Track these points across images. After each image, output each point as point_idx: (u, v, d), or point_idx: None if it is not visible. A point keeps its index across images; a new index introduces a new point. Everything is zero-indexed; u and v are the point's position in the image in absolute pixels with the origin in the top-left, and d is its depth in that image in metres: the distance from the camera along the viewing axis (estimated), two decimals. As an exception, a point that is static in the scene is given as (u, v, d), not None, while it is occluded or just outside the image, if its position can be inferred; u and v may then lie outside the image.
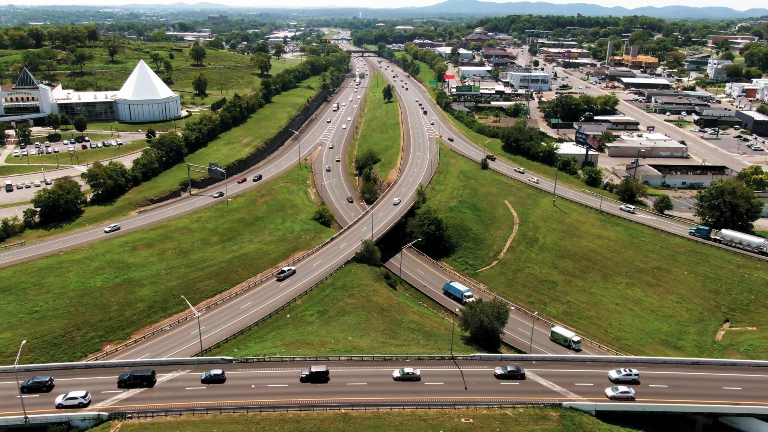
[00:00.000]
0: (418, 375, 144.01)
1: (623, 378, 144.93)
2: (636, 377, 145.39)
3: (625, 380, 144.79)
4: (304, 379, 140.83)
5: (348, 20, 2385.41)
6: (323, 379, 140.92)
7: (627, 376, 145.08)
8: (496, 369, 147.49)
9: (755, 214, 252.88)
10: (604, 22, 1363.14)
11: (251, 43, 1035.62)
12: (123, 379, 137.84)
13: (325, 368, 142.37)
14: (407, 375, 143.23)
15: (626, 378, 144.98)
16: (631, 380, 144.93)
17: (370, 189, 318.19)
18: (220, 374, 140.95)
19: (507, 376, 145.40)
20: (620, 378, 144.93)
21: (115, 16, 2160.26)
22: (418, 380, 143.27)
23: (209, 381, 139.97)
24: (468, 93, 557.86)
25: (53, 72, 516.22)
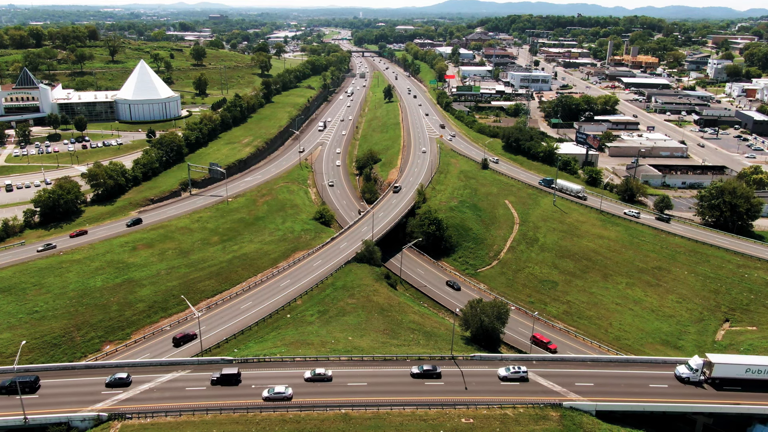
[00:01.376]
0: (438, 372, 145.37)
1: (511, 375, 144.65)
2: (524, 374, 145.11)
3: (513, 378, 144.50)
4: (215, 381, 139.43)
5: (348, 20, 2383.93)
6: (234, 382, 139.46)
7: (515, 374, 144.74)
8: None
9: (755, 213, 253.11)
10: (605, 22, 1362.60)
11: (252, 43, 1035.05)
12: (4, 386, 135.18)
13: (236, 370, 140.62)
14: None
15: (514, 375, 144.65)
16: (519, 378, 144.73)
17: (370, 189, 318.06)
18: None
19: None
20: (508, 375, 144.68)
21: (115, 15, 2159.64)
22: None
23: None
24: (468, 93, 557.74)
25: (53, 72, 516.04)
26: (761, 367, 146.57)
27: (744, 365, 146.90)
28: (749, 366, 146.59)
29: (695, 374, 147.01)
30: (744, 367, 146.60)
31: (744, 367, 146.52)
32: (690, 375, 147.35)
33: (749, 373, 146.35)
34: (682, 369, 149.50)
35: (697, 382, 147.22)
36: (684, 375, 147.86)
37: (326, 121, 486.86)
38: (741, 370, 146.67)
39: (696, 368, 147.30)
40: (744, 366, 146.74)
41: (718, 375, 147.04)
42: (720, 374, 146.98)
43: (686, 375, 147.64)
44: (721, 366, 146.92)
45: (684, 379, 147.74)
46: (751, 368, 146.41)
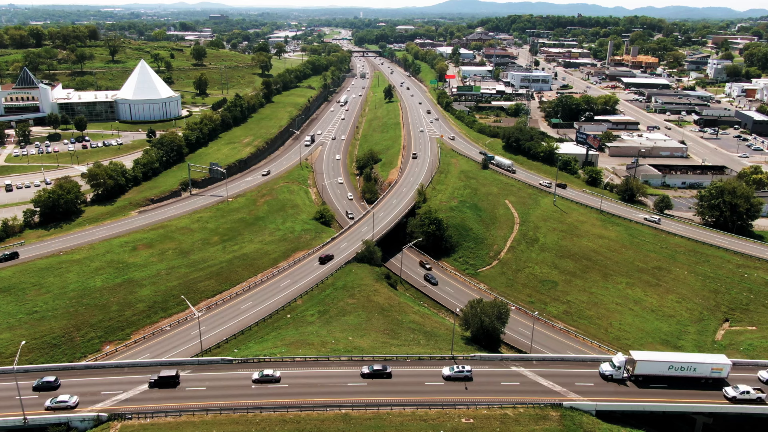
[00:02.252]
0: (389, 372, 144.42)
1: (455, 375, 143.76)
2: (468, 374, 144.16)
3: (457, 377, 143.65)
4: (152, 384, 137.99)
5: (349, 20, 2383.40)
6: (172, 384, 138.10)
7: (459, 373, 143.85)
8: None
9: (755, 213, 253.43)
10: (605, 22, 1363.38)
11: (252, 43, 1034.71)
12: None
13: (175, 372, 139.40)
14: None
15: (458, 375, 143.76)
16: (463, 377, 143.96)
17: (371, 189, 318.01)
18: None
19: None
20: (452, 375, 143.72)
21: (115, 15, 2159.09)
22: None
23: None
24: (469, 93, 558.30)
25: (53, 71, 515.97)
26: (684, 364, 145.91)
27: (667, 362, 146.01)
28: (672, 363, 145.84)
29: (618, 372, 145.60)
30: (667, 364, 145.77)
31: (667, 364, 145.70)
32: (613, 373, 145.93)
33: (672, 370, 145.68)
34: (605, 367, 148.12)
35: (621, 379, 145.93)
36: (607, 373, 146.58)
37: (314, 135, 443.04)
38: (664, 367, 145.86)
39: (619, 366, 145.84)
40: (667, 363, 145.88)
41: (641, 372, 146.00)
42: (643, 371, 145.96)
43: (609, 373, 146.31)
44: (643, 363, 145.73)
45: (607, 376, 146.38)
46: (674, 365, 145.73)
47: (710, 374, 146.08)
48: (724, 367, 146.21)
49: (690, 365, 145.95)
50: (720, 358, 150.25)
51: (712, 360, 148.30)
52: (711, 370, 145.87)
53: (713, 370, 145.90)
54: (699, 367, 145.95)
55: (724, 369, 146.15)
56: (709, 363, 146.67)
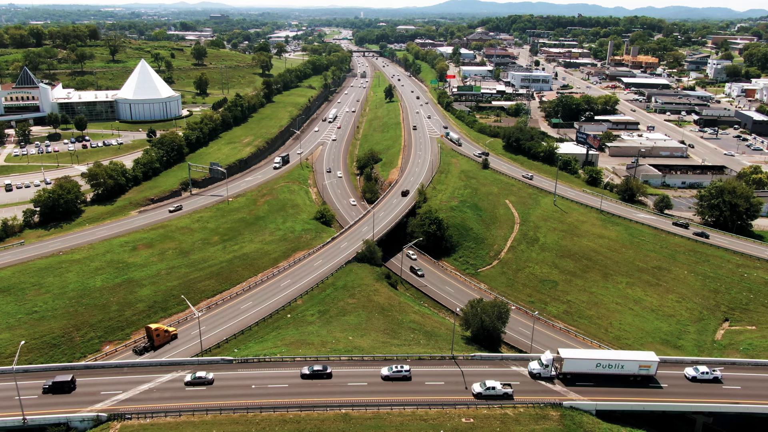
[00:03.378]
0: (329, 372, 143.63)
1: (393, 375, 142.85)
2: (407, 373, 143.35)
3: (396, 377, 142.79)
4: (46, 390, 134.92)
5: (350, 20, 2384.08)
6: (66, 390, 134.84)
7: (397, 373, 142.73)
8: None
9: (754, 213, 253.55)
10: (605, 23, 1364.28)
11: (253, 43, 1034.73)
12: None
13: (71, 377, 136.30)
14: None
15: (396, 375, 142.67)
16: (401, 377, 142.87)
17: (371, 189, 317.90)
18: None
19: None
20: (390, 375, 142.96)
21: (116, 15, 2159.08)
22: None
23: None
24: (469, 93, 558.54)
25: (54, 71, 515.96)
26: (611, 361, 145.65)
27: (594, 360, 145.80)
28: (599, 361, 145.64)
29: (546, 370, 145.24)
30: (594, 361, 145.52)
31: (594, 362, 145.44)
32: (541, 371, 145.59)
33: (600, 367, 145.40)
34: (533, 365, 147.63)
35: (548, 377, 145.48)
36: (535, 371, 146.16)
37: (287, 155, 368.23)
38: (591, 365, 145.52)
39: (546, 364, 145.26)
40: (594, 361, 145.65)
41: (569, 370, 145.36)
42: (570, 369, 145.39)
43: (537, 371, 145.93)
44: (570, 361, 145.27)
45: (535, 375, 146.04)
46: (602, 363, 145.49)
47: (638, 371, 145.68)
48: (652, 364, 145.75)
49: (617, 363, 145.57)
50: (648, 355, 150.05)
51: (640, 357, 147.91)
52: (639, 367, 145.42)
53: (641, 368, 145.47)
54: (627, 364, 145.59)
55: (652, 366, 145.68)
56: (636, 360, 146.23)
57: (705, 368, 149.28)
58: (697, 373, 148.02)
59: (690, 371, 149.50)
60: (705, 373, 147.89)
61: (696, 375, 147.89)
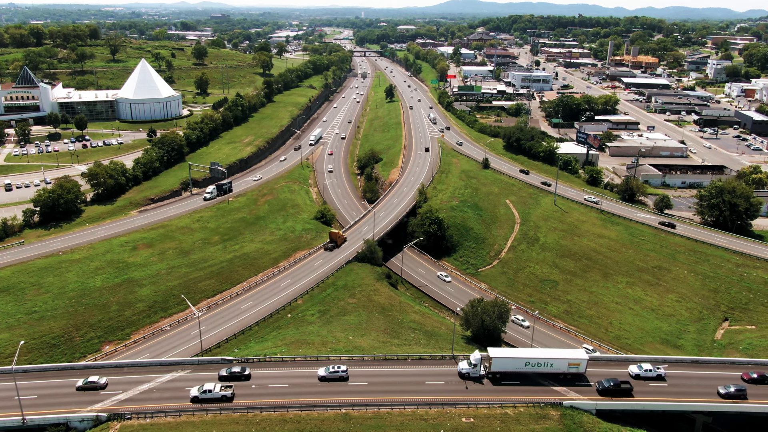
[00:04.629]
0: (248, 374, 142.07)
1: (329, 375, 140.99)
2: (344, 374, 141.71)
3: (332, 377, 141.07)
4: None
5: (350, 20, 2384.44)
6: None
7: (333, 374, 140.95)
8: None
9: (754, 213, 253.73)
10: (605, 23, 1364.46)
11: (253, 43, 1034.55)
12: None
13: None
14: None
15: (332, 375, 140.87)
16: (338, 377, 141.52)
17: (371, 188, 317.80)
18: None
19: None
20: (327, 375, 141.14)
21: (116, 15, 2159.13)
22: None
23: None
24: (470, 93, 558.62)
25: (54, 71, 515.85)
26: (540, 360, 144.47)
27: (523, 359, 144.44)
28: (528, 359, 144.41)
29: (475, 369, 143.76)
30: (523, 360, 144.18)
31: (523, 361, 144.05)
32: (470, 370, 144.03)
33: (529, 366, 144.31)
34: (463, 365, 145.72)
35: (478, 377, 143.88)
36: (464, 371, 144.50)
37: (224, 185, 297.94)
38: (520, 363, 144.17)
39: (475, 363, 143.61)
40: (523, 359, 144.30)
41: (498, 369, 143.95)
42: (499, 368, 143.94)
43: (466, 371, 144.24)
44: (499, 360, 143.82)
45: (464, 375, 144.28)
46: (530, 361, 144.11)
47: (568, 370, 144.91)
48: (581, 362, 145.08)
49: (547, 361, 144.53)
50: (577, 353, 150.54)
51: (569, 355, 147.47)
52: (568, 365, 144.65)
53: (570, 366, 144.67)
54: (556, 362, 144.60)
55: (581, 364, 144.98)
56: (565, 358, 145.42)
57: (648, 366, 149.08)
58: (641, 371, 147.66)
59: (633, 369, 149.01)
60: (648, 370, 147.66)
61: (639, 373, 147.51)
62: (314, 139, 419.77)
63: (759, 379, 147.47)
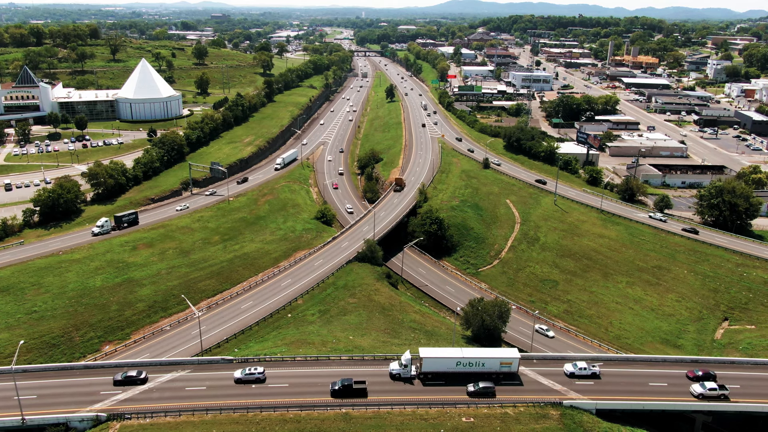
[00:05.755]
0: (144, 378, 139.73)
1: (245, 378, 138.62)
2: (261, 375, 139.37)
3: (248, 380, 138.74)
4: None
5: (351, 20, 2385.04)
6: None
7: (249, 375, 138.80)
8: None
9: (754, 213, 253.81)
10: (606, 23, 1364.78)
11: (254, 42, 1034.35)
12: None
13: None
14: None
15: (248, 377, 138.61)
16: (254, 379, 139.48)
17: (372, 188, 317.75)
18: None
19: None
20: (242, 378, 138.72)
21: (117, 14, 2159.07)
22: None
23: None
24: (470, 93, 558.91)
25: (54, 70, 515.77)
26: (471, 359, 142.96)
27: (454, 358, 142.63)
28: (459, 359, 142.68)
29: (405, 370, 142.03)
30: (454, 360, 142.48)
31: (454, 361, 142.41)
32: (401, 371, 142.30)
33: (460, 366, 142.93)
34: (393, 365, 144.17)
35: (408, 378, 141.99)
36: (395, 371, 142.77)
37: None
38: (451, 363, 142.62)
39: (406, 363, 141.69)
40: (454, 359, 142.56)
41: (429, 369, 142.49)
42: (430, 369, 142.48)
43: (397, 371, 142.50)
44: (430, 360, 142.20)
45: (395, 375, 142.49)
46: (462, 361, 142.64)
47: (500, 369, 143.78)
48: (513, 361, 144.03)
49: (478, 360, 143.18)
50: (509, 352, 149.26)
51: (500, 354, 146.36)
52: (500, 364, 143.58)
53: (502, 365, 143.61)
54: (487, 362, 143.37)
55: (513, 363, 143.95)
56: (497, 357, 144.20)
57: (584, 364, 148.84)
58: (575, 369, 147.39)
59: (569, 367, 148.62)
60: (583, 369, 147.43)
61: (574, 371, 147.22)
62: (282, 162, 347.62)
63: (704, 377, 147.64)
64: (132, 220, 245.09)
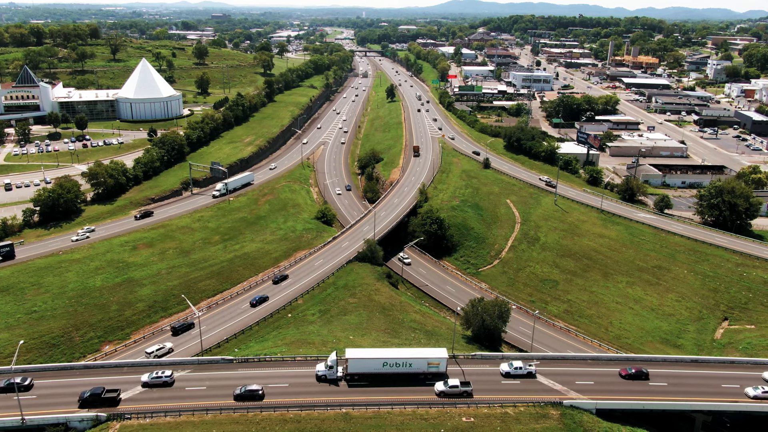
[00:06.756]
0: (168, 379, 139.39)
1: (152, 381, 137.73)
2: (168, 379, 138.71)
3: (155, 383, 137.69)
4: None
5: (351, 20, 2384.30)
6: None
7: (157, 379, 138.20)
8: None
9: (754, 213, 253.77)
10: (606, 23, 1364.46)
11: (254, 42, 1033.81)
12: None
13: None
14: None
15: (155, 381, 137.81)
16: (161, 383, 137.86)
17: (372, 188, 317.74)
18: None
19: None
20: (148, 381, 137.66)
21: (117, 14, 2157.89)
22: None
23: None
24: (470, 92, 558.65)
25: (54, 70, 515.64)
26: (398, 360, 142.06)
27: (380, 359, 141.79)
28: (386, 360, 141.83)
29: (331, 371, 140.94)
30: (380, 361, 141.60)
31: (381, 361, 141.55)
32: (327, 373, 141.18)
33: (387, 367, 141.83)
34: (320, 367, 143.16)
35: (334, 379, 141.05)
36: (320, 373, 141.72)
37: None
38: (378, 364, 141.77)
39: (331, 365, 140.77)
40: (380, 360, 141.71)
41: (355, 371, 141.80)
42: (356, 370, 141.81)
43: (323, 373, 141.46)
44: (356, 361, 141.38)
45: (321, 377, 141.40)
46: (388, 362, 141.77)
47: (427, 369, 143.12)
48: (440, 361, 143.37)
49: (405, 361, 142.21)
50: (436, 352, 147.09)
51: (428, 354, 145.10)
52: (428, 365, 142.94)
53: (430, 365, 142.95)
54: (415, 362, 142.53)
55: (441, 363, 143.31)
56: (424, 358, 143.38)
57: (519, 363, 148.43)
58: (511, 369, 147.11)
59: (504, 367, 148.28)
60: (518, 368, 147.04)
61: (509, 371, 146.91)
62: (223, 188, 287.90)
63: (636, 374, 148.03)
64: (8, 253, 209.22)
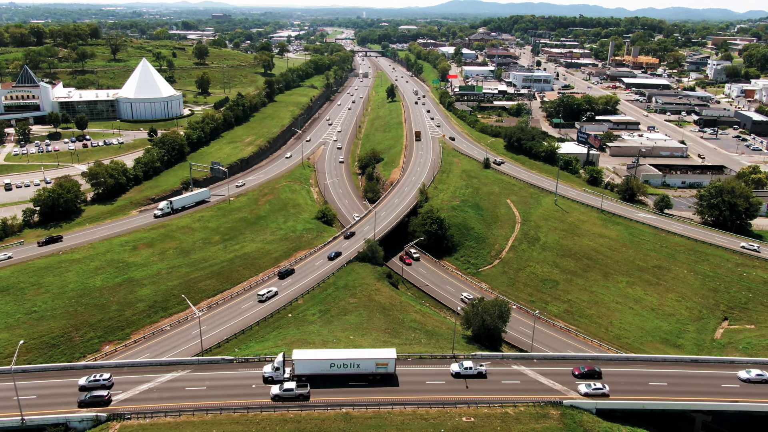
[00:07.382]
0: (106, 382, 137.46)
1: (90, 385, 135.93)
2: (106, 382, 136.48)
3: (93, 386, 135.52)
4: None
5: (352, 20, 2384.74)
6: None
7: (95, 382, 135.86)
8: None
9: (754, 213, 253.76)
10: (606, 23, 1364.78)
11: (255, 42, 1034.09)
12: None
13: None
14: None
15: (94, 384, 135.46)
16: (99, 386, 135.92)
17: (372, 188, 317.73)
18: None
19: None
20: (87, 385, 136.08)
21: (117, 14, 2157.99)
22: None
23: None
24: (471, 92, 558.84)
25: (54, 70, 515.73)
26: (346, 361, 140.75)
27: (327, 360, 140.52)
28: (333, 361, 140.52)
29: (278, 373, 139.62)
30: (328, 362, 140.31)
31: (328, 362, 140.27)
32: (273, 374, 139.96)
33: (335, 368, 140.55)
34: (266, 368, 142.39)
35: (281, 381, 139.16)
36: (267, 374, 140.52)
37: None
38: (325, 365, 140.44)
39: (278, 366, 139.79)
40: (328, 361, 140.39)
41: (302, 372, 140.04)
42: (303, 371, 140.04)
43: (269, 374, 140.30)
44: (302, 362, 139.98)
45: (267, 378, 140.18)
46: (336, 363, 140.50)
47: (376, 370, 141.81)
48: (389, 361, 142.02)
49: (353, 362, 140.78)
50: (386, 352, 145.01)
51: (377, 355, 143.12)
52: (376, 365, 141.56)
53: (378, 366, 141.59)
54: (363, 363, 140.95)
55: (389, 364, 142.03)
56: (372, 358, 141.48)
57: (470, 363, 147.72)
58: (461, 369, 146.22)
59: (455, 367, 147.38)
60: (468, 368, 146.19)
61: (459, 371, 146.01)
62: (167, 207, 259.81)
63: (588, 373, 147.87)
64: None
